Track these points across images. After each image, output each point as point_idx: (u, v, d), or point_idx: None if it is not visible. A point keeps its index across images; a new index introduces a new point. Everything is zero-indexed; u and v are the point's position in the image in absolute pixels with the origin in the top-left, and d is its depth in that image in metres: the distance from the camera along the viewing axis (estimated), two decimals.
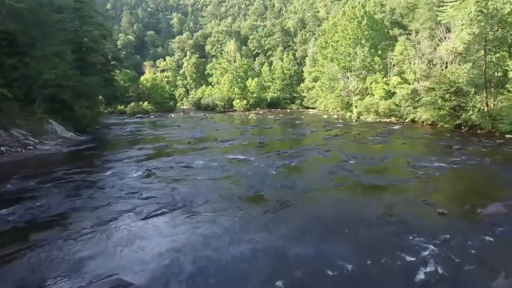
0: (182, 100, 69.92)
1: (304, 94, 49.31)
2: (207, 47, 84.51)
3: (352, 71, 33.11)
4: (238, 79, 54.08)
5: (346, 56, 33.37)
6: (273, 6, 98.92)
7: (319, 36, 54.45)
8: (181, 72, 78.12)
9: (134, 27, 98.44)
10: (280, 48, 69.04)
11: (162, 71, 77.29)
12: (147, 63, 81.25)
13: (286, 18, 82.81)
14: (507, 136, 14.62)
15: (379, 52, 31.47)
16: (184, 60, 77.78)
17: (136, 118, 35.93)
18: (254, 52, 75.98)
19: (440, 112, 19.36)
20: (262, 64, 64.98)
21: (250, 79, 54.14)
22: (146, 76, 53.77)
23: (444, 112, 19.03)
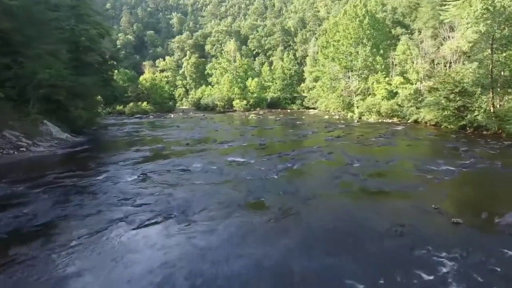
0: (181, 100, 69.54)
1: (304, 94, 48.84)
2: (207, 47, 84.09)
3: (354, 71, 32.68)
4: (238, 79, 53.58)
5: (347, 56, 32.93)
6: (273, 5, 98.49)
7: (319, 35, 54.00)
8: (180, 72, 77.70)
9: (134, 27, 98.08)
10: (281, 47, 68.61)
11: (161, 71, 76.88)
12: (147, 63, 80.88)
13: (286, 18, 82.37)
14: None
15: (381, 51, 31.01)
16: (184, 60, 77.35)
17: (134, 118, 35.53)
18: (254, 52, 75.55)
19: (444, 112, 18.96)
20: (262, 64, 64.50)
21: (250, 79, 53.66)
22: (145, 76, 53.28)
23: (449, 112, 18.64)
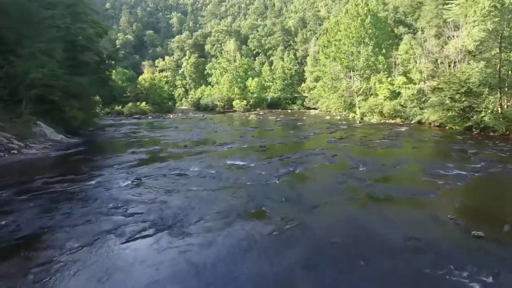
0: (181, 100, 68.99)
1: (305, 94, 48.26)
2: (207, 47, 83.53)
3: (355, 71, 32.17)
4: (238, 79, 52.99)
5: (349, 55, 32.40)
6: (273, 5, 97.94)
7: (320, 35, 53.47)
8: (180, 72, 77.15)
9: (133, 27, 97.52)
10: (281, 47, 68.06)
11: (161, 71, 76.33)
12: (146, 63, 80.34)
13: (286, 18, 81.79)
14: None
15: (383, 51, 30.50)
16: (184, 59, 76.72)
17: (133, 119, 35.03)
18: (254, 52, 74.96)
19: (449, 113, 18.49)
20: (263, 63, 63.89)
21: (250, 79, 53.06)
22: (144, 76, 52.72)
23: (454, 113, 18.16)
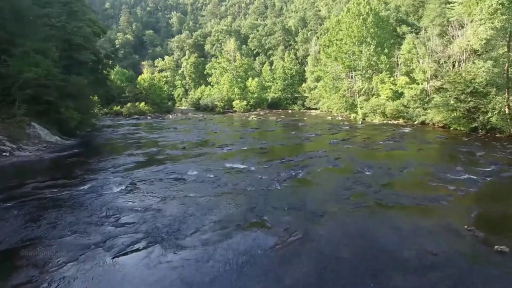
0: (180, 100, 68.59)
1: (306, 95, 47.77)
2: (207, 47, 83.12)
3: (357, 71, 31.73)
4: (238, 79, 52.50)
5: (350, 55, 31.96)
6: (273, 5, 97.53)
7: (321, 34, 53.02)
8: (180, 71, 76.71)
9: (133, 26, 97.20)
10: (281, 47, 67.63)
11: (160, 70, 75.89)
12: (145, 63, 79.95)
13: (287, 17, 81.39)
14: None
15: (386, 50, 30.04)
16: (183, 59, 76.29)
17: (132, 119, 34.60)
18: (255, 52, 74.54)
19: (454, 114, 18.07)
20: (263, 63, 63.43)
21: (250, 79, 52.59)
22: (144, 76, 52.24)
23: (459, 114, 17.74)
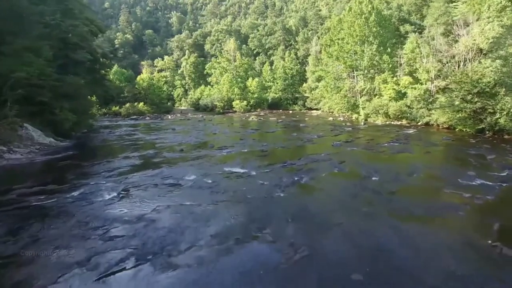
0: (180, 100, 68.12)
1: (307, 95, 47.26)
2: (207, 46, 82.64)
3: (359, 70, 31.22)
4: (238, 79, 51.98)
5: (352, 54, 31.44)
6: (274, 4, 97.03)
7: (322, 34, 52.50)
8: (179, 71, 76.21)
9: (133, 26, 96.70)
10: (282, 47, 67.16)
11: (160, 70, 75.38)
12: (145, 63, 79.46)
13: (287, 17, 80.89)
14: None
15: (388, 50, 29.53)
16: (183, 59, 75.80)
17: (130, 120, 34.12)
18: (255, 51, 74.05)
19: (459, 115, 17.58)
20: (263, 63, 62.94)
21: (250, 79, 52.09)
22: (143, 76, 51.75)
23: (465, 115, 17.25)
